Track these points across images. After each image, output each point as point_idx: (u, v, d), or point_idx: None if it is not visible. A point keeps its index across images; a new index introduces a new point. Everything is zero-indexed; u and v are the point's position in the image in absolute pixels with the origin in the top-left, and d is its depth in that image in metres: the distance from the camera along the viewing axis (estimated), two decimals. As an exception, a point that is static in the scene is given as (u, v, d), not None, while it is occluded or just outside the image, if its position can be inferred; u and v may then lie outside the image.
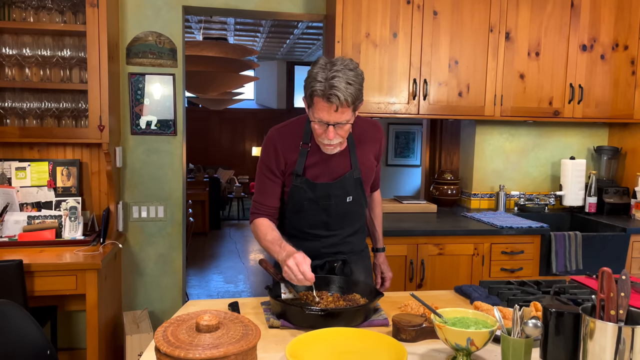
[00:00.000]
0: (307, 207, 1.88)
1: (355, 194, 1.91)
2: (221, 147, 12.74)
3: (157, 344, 1.09)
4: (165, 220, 3.40)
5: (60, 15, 2.98)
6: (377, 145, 1.98)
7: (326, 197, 1.87)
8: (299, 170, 1.85)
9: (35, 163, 3.05)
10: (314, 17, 3.53)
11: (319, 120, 1.69)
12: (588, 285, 1.93)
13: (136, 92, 3.28)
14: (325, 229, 1.93)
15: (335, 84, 1.62)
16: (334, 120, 1.67)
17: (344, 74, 1.64)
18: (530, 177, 3.75)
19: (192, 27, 8.20)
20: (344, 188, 1.88)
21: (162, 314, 3.43)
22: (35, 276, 2.54)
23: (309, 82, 1.68)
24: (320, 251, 1.93)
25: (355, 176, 1.89)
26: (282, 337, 1.43)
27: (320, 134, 1.73)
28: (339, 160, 1.87)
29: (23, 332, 1.41)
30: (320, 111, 1.67)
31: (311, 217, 1.90)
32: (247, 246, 7.59)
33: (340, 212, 1.91)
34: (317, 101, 1.67)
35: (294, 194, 1.88)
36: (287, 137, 1.89)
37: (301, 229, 1.93)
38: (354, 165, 1.89)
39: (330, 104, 1.64)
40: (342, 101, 1.63)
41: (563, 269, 3.00)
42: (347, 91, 1.63)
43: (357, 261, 2.01)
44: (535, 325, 1.19)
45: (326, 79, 1.63)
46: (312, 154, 1.86)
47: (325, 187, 1.86)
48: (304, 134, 1.87)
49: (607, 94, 3.37)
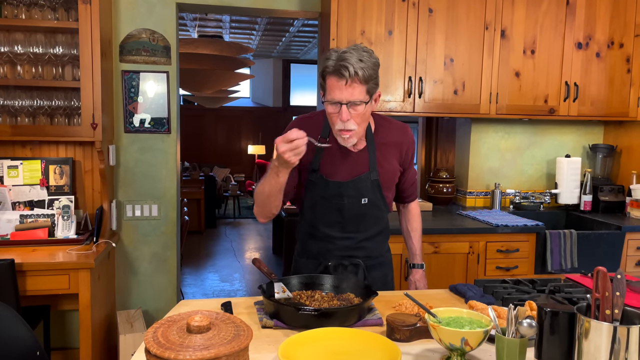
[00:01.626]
0: (320, 204, 1.84)
1: (372, 197, 1.85)
2: (217, 145, 12.70)
3: (146, 345, 1.08)
4: (160, 219, 3.38)
5: (52, 12, 2.95)
6: (402, 150, 1.91)
7: (338, 196, 1.82)
8: (314, 165, 1.82)
9: (27, 161, 3.02)
10: (309, 15, 3.51)
11: (331, 101, 1.66)
12: (583, 283, 1.92)
13: (130, 90, 3.25)
14: (339, 229, 1.87)
15: (346, 57, 1.62)
16: (346, 98, 1.63)
17: (356, 52, 1.64)
18: (526, 175, 3.75)
19: (187, 24, 8.16)
20: (359, 189, 1.82)
21: (156, 313, 3.41)
22: (27, 275, 2.51)
23: (321, 63, 1.67)
24: (334, 253, 1.89)
25: (373, 178, 1.83)
26: (275, 337, 1.42)
27: (335, 117, 1.68)
28: (357, 159, 1.83)
29: (12, 333, 1.39)
30: (331, 90, 1.65)
31: (325, 215, 1.86)
32: (243, 245, 7.57)
33: (354, 213, 1.85)
34: (329, 80, 1.65)
35: (309, 189, 1.85)
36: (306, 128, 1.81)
37: (316, 226, 1.89)
38: (371, 167, 1.83)
39: (340, 78, 1.62)
40: (352, 74, 1.60)
41: (558, 267, 2.99)
42: (358, 65, 1.61)
43: (375, 267, 1.95)
44: (530, 325, 1.18)
45: (338, 57, 1.63)
46: (329, 149, 1.81)
47: (338, 185, 1.82)
48: (324, 128, 1.84)
49: (603, 92, 3.37)
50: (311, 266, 1.93)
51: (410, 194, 2.07)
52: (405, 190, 2.04)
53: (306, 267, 1.93)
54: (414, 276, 2.10)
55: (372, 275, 1.92)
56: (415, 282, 2.09)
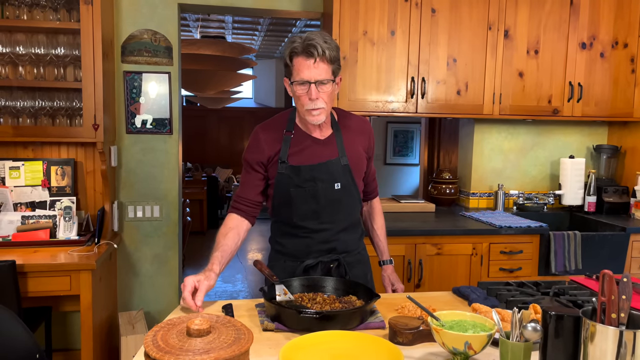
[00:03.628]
0: (294, 194, 1.83)
1: (344, 182, 1.86)
2: (219, 145, 12.69)
3: (146, 349, 1.07)
4: (161, 220, 3.37)
5: (54, 13, 2.95)
6: (365, 138, 1.95)
7: (311, 181, 1.83)
8: (283, 157, 1.83)
9: (29, 162, 3.02)
10: (311, 15, 3.50)
11: (300, 81, 1.71)
12: (587, 286, 1.90)
13: (131, 91, 3.24)
14: (315, 219, 1.86)
15: (312, 37, 1.69)
16: (315, 77, 1.70)
17: (321, 35, 1.72)
18: (529, 176, 3.73)
19: (190, 25, 8.16)
20: (331, 173, 1.84)
21: (158, 315, 3.40)
22: (28, 277, 2.51)
23: (287, 47, 1.73)
24: (312, 249, 1.88)
25: (343, 163, 1.85)
26: (276, 340, 1.40)
27: (303, 98, 1.74)
28: (325, 147, 1.86)
29: (12, 335, 1.38)
30: (300, 70, 1.71)
31: (300, 206, 1.85)
32: (245, 245, 7.56)
33: (329, 199, 1.85)
34: (297, 61, 1.71)
35: (280, 183, 1.84)
36: (270, 129, 1.90)
37: (291, 221, 1.88)
38: (340, 152, 1.86)
39: (309, 57, 1.69)
40: (320, 52, 1.68)
41: (562, 268, 2.97)
42: (325, 45, 1.69)
43: (354, 264, 1.95)
44: (535, 329, 1.16)
45: (304, 39, 1.70)
46: (296, 142, 1.85)
47: (309, 169, 1.82)
48: (288, 122, 1.89)
49: (607, 93, 3.35)
50: (288, 268, 1.90)
51: (372, 189, 2.10)
52: (369, 184, 2.06)
53: (282, 270, 1.90)
54: (386, 272, 2.10)
55: (352, 273, 1.92)
56: (388, 277, 2.09)
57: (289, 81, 1.78)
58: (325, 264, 1.89)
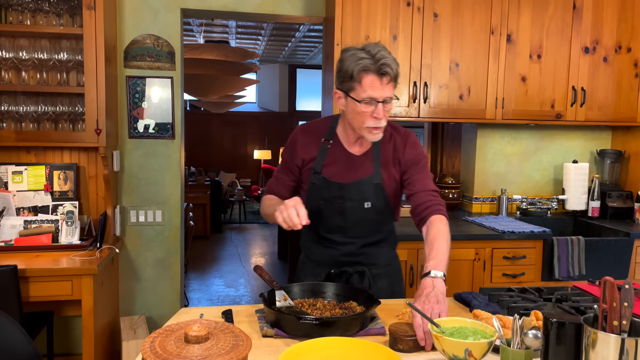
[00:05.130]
0: (322, 207, 1.82)
1: (376, 201, 1.81)
2: (223, 150, 12.72)
3: (143, 355, 1.06)
4: (164, 225, 3.37)
5: (57, 18, 2.96)
6: (402, 153, 1.83)
7: (340, 199, 1.80)
8: (317, 167, 1.82)
9: (32, 167, 3.02)
10: (313, 20, 3.50)
11: (367, 100, 1.64)
12: (590, 292, 1.89)
13: (134, 95, 3.25)
14: (341, 234, 1.85)
15: (384, 55, 1.62)
16: (384, 96, 1.64)
17: (384, 50, 1.64)
18: (533, 180, 3.71)
19: (194, 30, 8.19)
20: (361, 192, 1.80)
21: (159, 319, 3.39)
22: (30, 281, 2.51)
23: (353, 62, 1.63)
24: (338, 259, 1.86)
25: (375, 182, 1.80)
26: (276, 346, 1.39)
27: (366, 116, 1.67)
28: (360, 164, 1.81)
29: (11, 341, 1.37)
30: (370, 87, 1.63)
31: (327, 219, 1.83)
32: (249, 250, 7.55)
33: (357, 217, 1.82)
34: (367, 78, 1.62)
35: (311, 192, 1.83)
36: (309, 133, 1.87)
37: (318, 232, 1.88)
38: (375, 170, 1.80)
39: (381, 77, 1.62)
40: (393, 72, 1.62)
41: (566, 274, 2.95)
42: (395, 64, 1.63)
43: (381, 275, 1.90)
44: (536, 336, 1.15)
45: (372, 55, 1.62)
46: (333, 152, 1.82)
47: (339, 187, 1.80)
48: (328, 131, 1.85)
49: (610, 97, 3.33)
50: (315, 273, 1.90)
51: (424, 203, 1.76)
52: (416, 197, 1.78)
53: (310, 274, 1.91)
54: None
55: (377, 285, 1.88)
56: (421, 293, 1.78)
57: (346, 95, 1.69)
58: (350, 274, 1.86)
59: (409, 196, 1.83)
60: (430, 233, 1.67)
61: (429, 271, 1.55)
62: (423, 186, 1.79)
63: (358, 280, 1.86)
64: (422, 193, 1.78)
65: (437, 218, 1.71)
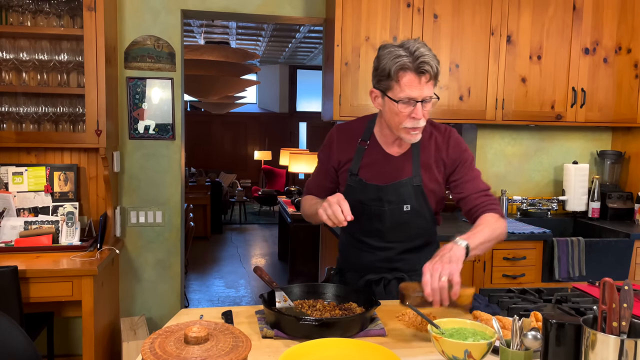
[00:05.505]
0: (360, 210, 1.73)
1: (416, 204, 1.74)
2: (223, 151, 12.72)
3: (143, 356, 1.06)
4: (164, 226, 3.37)
5: (57, 19, 2.97)
6: (444, 154, 1.76)
7: (378, 201, 1.74)
8: (353, 169, 1.76)
9: (32, 168, 3.03)
10: (313, 21, 3.51)
11: (405, 100, 1.58)
12: (590, 293, 1.89)
13: (134, 97, 3.26)
14: (379, 238, 1.79)
15: (424, 52, 1.55)
16: (423, 95, 1.57)
17: (424, 47, 1.57)
18: (533, 181, 3.71)
19: (194, 31, 8.19)
20: (400, 194, 1.73)
21: (160, 320, 3.40)
22: (30, 282, 2.51)
23: (390, 60, 1.57)
24: (376, 265, 1.82)
25: (415, 183, 1.73)
26: (276, 347, 1.40)
27: (403, 116, 1.60)
28: (398, 165, 1.75)
29: (11, 342, 1.38)
30: (408, 87, 1.56)
31: (365, 223, 1.77)
32: (249, 251, 7.56)
33: (396, 221, 1.76)
34: (405, 77, 1.56)
35: (347, 195, 1.73)
36: (346, 133, 1.82)
37: (355, 235, 1.83)
38: (415, 171, 1.73)
39: (420, 75, 1.55)
40: (433, 70, 1.56)
41: (566, 275, 2.95)
42: (434, 62, 1.57)
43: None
44: (535, 338, 1.15)
45: (411, 53, 1.55)
46: (370, 154, 1.77)
47: (377, 189, 1.74)
48: (365, 131, 1.79)
49: (610, 98, 3.33)
50: (354, 279, 1.87)
51: (477, 203, 1.71)
52: (467, 200, 1.73)
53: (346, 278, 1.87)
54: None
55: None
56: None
57: (383, 94, 1.64)
58: (389, 280, 1.83)
59: (460, 199, 1.77)
60: (476, 223, 1.65)
61: (456, 239, 1.52)
62: (474, 187, 1.75)
63: (396, 286, 1.78)
64: (474, 195, 1.74)
65: (489, 215, 1.67)
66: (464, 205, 1.76)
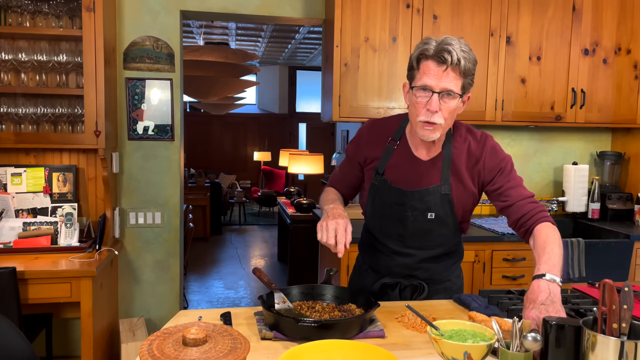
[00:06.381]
0: (381, 211, 1.71)
1: (441, 212, 1.67)
2: (223, 151, 12.71)
3: (141, 358, 1.06)
4: (163, 227, 3.36)
5: (56, 20, 2.96)
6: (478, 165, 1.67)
7: (401, 206, 1.68)
8: (380, 168, 1.70)
9: (31, 169, 3.02)
10: (313, 22, 3.50)
11: (422, 87, 1.51)
12: (590, 294, 1.88)
13: (133, 97, 3.25)
14: (399, 243, 1.74)
15: (450, 42, 1.49)
16: (441, 86, 1.49)
17: (458, 42, 1.52)
18: (532, 182, 3.71)
19: (194, 32, 8.19)
20: (425, 202, 1.66)
21: (159, 321, 3.39)
22: (29, 283, 2.50)
23: (417, 49, 1.54)
24: (393, 270, 1.78)
25: (443, 192, 1.65)
26: (275, 349, 1.39)
27: (420, 107, 1.52)
28: (426, 171, 1.67)
29: (9, 344, 1.37)
30: (426, 74, 1.50)
31: (386, 224, 1.73)
32: (248, 252, 7.55)
33: (418, 228, 1.69)
34: (425, 64, 1.51)
35: (372, 193, 1.72)
36: (377, 129, 1.75)
37: (375, 235, 1.79)
38: (444, 179, 1.65)
39: (440, 63, 1.48)
40: (454, 60, 1.47)
41: (566, 276, 2.95)
42: (461, 53, 1.49)
43: (439, 291, 1.80)
44: (535, 339, 1.15)
45: (440, 42, 1.51)
46: (398, 154, 1.70)
47: (401, 193, 1.67)
48: (397, 130, 1.72)
49: (610, 99, 3.33)
50: (368, 280, 1.85)
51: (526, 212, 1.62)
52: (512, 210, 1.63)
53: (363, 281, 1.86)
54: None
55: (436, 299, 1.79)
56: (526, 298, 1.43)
57: (409, 86, 1.58)
58: (405, 287, 1.80)
59: (504, 208, 1.67)
60: (539, 239, 1.55)
61: (544, 273, 1.41)
62: (519, 195, 1.65)
63: (410, 293, 1.78)
64: (520, 203, 1.64)
65: (544, 225, 1.59)
66: (510, 214, 1.66)
